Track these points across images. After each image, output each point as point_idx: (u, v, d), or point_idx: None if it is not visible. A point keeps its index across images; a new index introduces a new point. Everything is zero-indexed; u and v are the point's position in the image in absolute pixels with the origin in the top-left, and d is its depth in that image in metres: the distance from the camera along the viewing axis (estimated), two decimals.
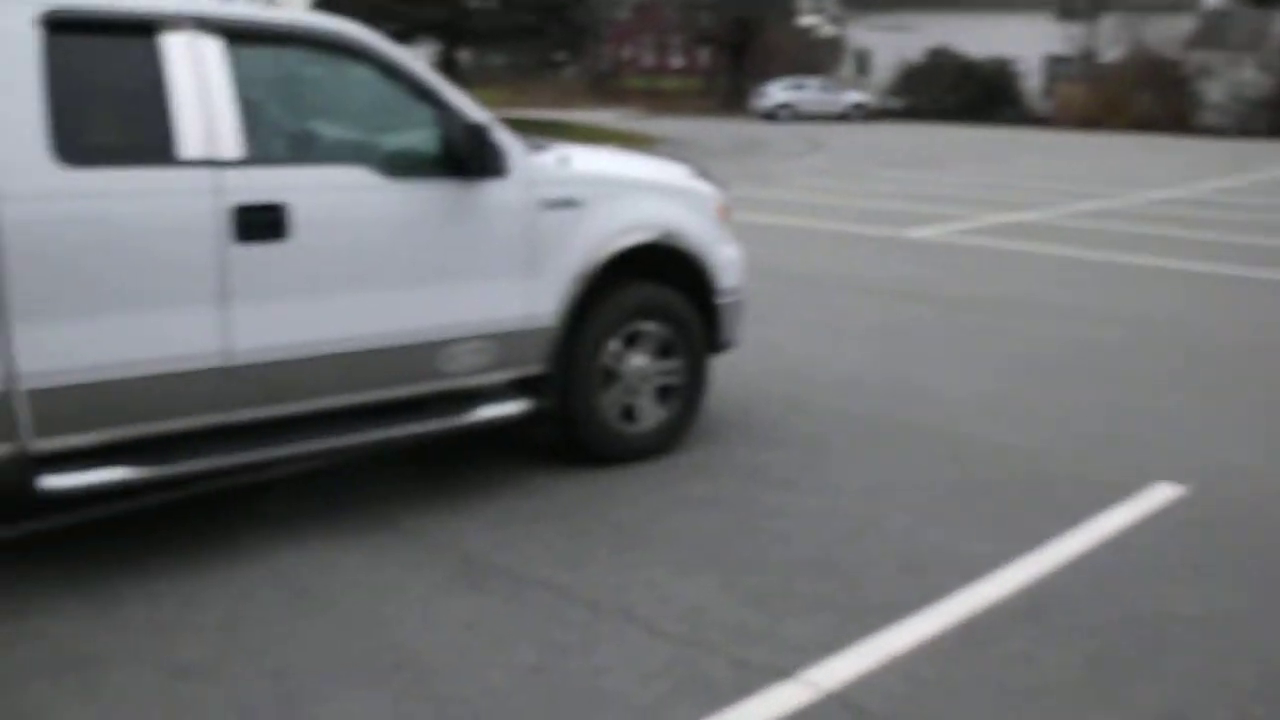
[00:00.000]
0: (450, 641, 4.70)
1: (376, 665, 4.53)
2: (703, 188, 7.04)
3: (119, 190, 4.95)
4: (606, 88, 71.85)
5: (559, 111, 47.71)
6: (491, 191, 5.87)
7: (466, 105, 5.85)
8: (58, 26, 4.91)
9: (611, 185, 6.44)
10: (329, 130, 5.84)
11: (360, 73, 5.75)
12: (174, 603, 5.01)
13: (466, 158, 5.72)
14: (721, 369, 7.79)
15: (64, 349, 4.85)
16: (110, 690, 4.36)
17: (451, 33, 40.40)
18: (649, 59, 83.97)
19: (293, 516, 5.92)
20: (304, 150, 5.71)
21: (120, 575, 5.27)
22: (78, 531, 5.74)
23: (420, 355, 5.77)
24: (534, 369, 6.21)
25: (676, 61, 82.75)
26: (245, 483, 6.34)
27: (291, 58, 5.74)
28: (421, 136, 5.83)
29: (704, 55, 77.13)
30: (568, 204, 6.15)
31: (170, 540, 5.65)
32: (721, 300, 6.93)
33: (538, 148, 6.30)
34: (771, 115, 55.20)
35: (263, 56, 5.53)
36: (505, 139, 5.91)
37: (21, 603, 5.02)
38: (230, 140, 5.18)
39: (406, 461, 6.70)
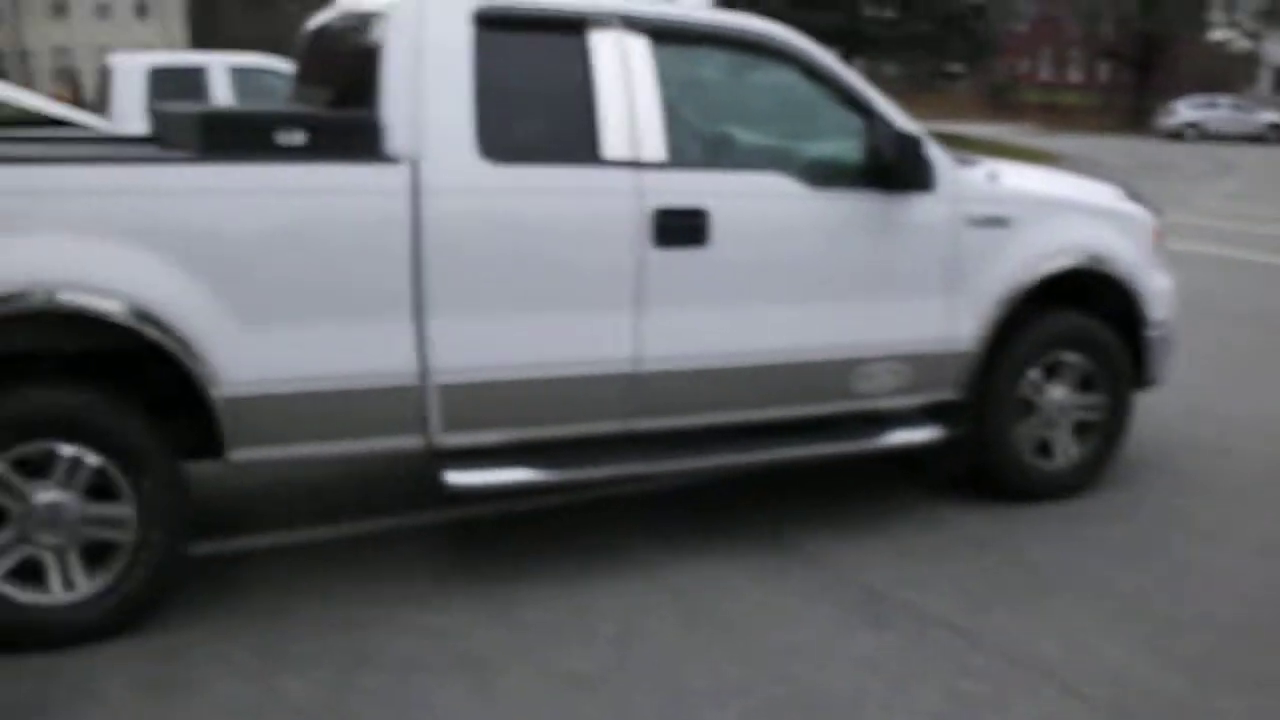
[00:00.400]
0: (849, 680, 4.43)
1: (770, 697, 4.30)
2: (1136, 211, 6.54)
3: (542, 188, 4.91)
4: (1000, 101, 70.11)
5: (951, 124, 46.64)
6: (917, 206, 5.56)
7: (896, 114, 5.56)
8: (489, 23, 4.92)
9: (1041, 205, 6.03)
10: (749, 134, 5.65)
11: (784, 76, 5.56)
12: (567, 609, 4.93)
13: (894, 169, 5.44)
14: (1139, 406, 7.23)
15: (476, 346, 4.85)
16: (499, 693, 4.30)
17: (848, 41, 40.03)
18: (1046, 73, 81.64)
19: (684, 530, 5.76)
20: (725, 154, 5.54)
21: (513, 575, 5.24)
22: (471, 526, 5.75)
23: (833, 373, 5.52)
24: (948, 394, 5.86)
25: (1075, 76, 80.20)
26: (634, 491, 6.22)
27: (714, 58, 5.59)
28: (845, 145, 5.58)
29: (1104, 70, 74.47)
30: (995, 222, 5.78)
31: (562, 543, 5.59)
32: (1151, 333, 6.41)
33: (965, 162, 5.96)
34: (1177, 134, 52.64)
35: (686, 57, 5.39)
36: (935, 152, 5.59)
37: (415, 593, 5.06)
38: (653, 142, 5.07)
39: (797, 481, 6.44)
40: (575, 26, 5.08)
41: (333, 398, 4.68)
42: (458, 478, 4.90)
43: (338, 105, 5.40)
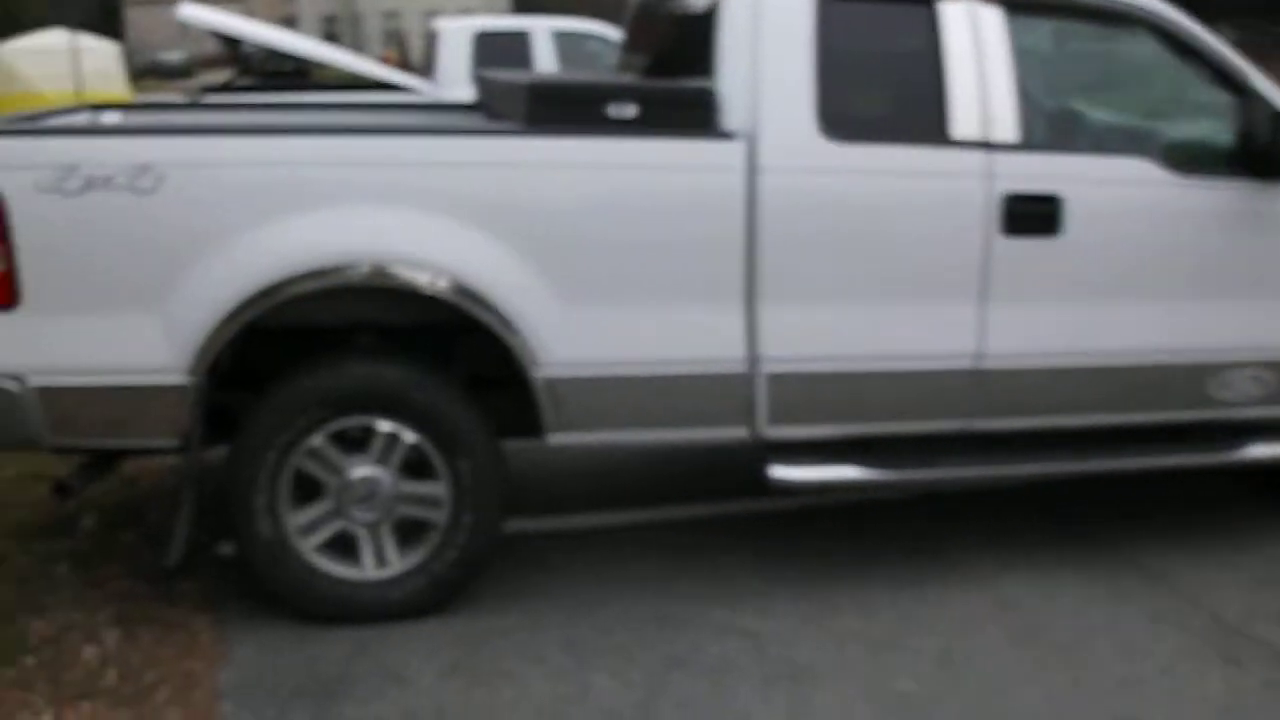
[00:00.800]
0: None
1: None
2: None
3: (885, 169, 4.59)
4: None
5: None
6: None
7: (1275, 92, 5.01)
8: None
9: None
10: (1108, 114, 5.20)
11: (1147, 48, 5.08)
12: (891, 619, 4.63)
13: (1272, 155, 4.87)
14: None
15: (809, 335, 4.59)
16: (819, 710, 4.05)
17: (1189, 6, 38.21)
18: None
19: (1010, 537, 5.38)
20: (1079, 136, 5.13)
21: (832, 576, 4.98)
22: (788, 518, 5.50)
23: (1190, 378, 5.02)
24: None
25: None
26: (958, 489, 5.81)
27: (1070, 29, 5.16)
28: (1213, 127, 5.06)
29: None
30: None
31: (882, 542, 5.30)
32: None
33: None
34: None
35: (1040, 28, 5.00)
36: None
37: (731, 590, 4.85)
38: (1005, 121, 4.68)
39: (1142, 492, 5.87)
40: None
41: (657, 384, 4.49)
42: (783, 472, 4.65)
43: (667, 75, 5.18)
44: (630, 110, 4.45)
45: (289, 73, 14.93)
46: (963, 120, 4.64)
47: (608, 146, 4.40)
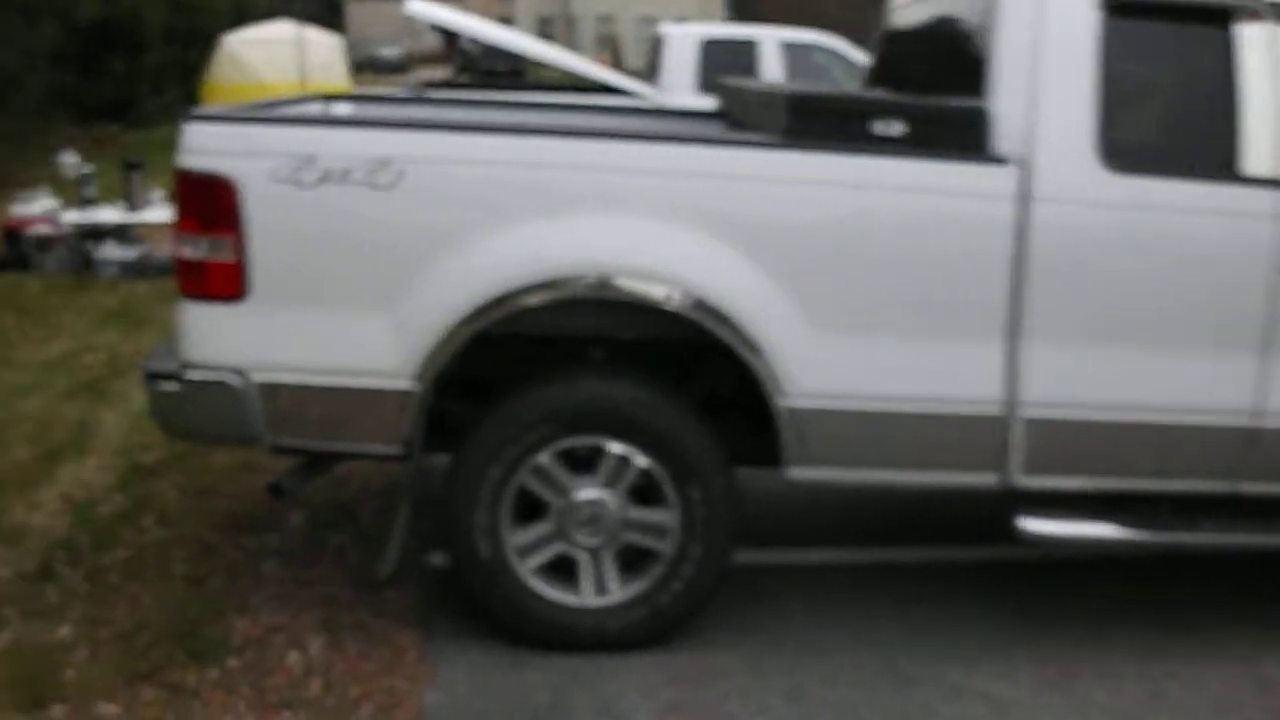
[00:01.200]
0: None
1: None
2: None
3: (1166, 205, 4.21)
4: None
5: None
6: None
7: None
8: (1118, 10, 4.24)
9: None
10: None
11: None
12: (1139, 694, 4.24)
13: None
14: None
15: (1073, 378, 4.23)
16: None
17: None
18: None
19: (1261, 608, 4.94)
20: None
21: (1074, 637, 4.61)
22: (1024, 570, 5.14)
23: None
24: None
25: None
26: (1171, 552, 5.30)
27: None
28: None
29: None
30: None
31: (1120, 607, 4.89)
32: None
33: None
34: None
35: None
36: None
37: (967, 647, 4.51)
38: None
39: None
40: (1219, 16, 4.32)
41: (907, 422, 4.19)
42: (1035, 525, 4.30)
43: (923, 93, 4.87)
44: (897, 127, 4.15)
45: (505, 72, 14.92)
46: (1256, 155, 4.24)
47: (872, 165, 4.10)
